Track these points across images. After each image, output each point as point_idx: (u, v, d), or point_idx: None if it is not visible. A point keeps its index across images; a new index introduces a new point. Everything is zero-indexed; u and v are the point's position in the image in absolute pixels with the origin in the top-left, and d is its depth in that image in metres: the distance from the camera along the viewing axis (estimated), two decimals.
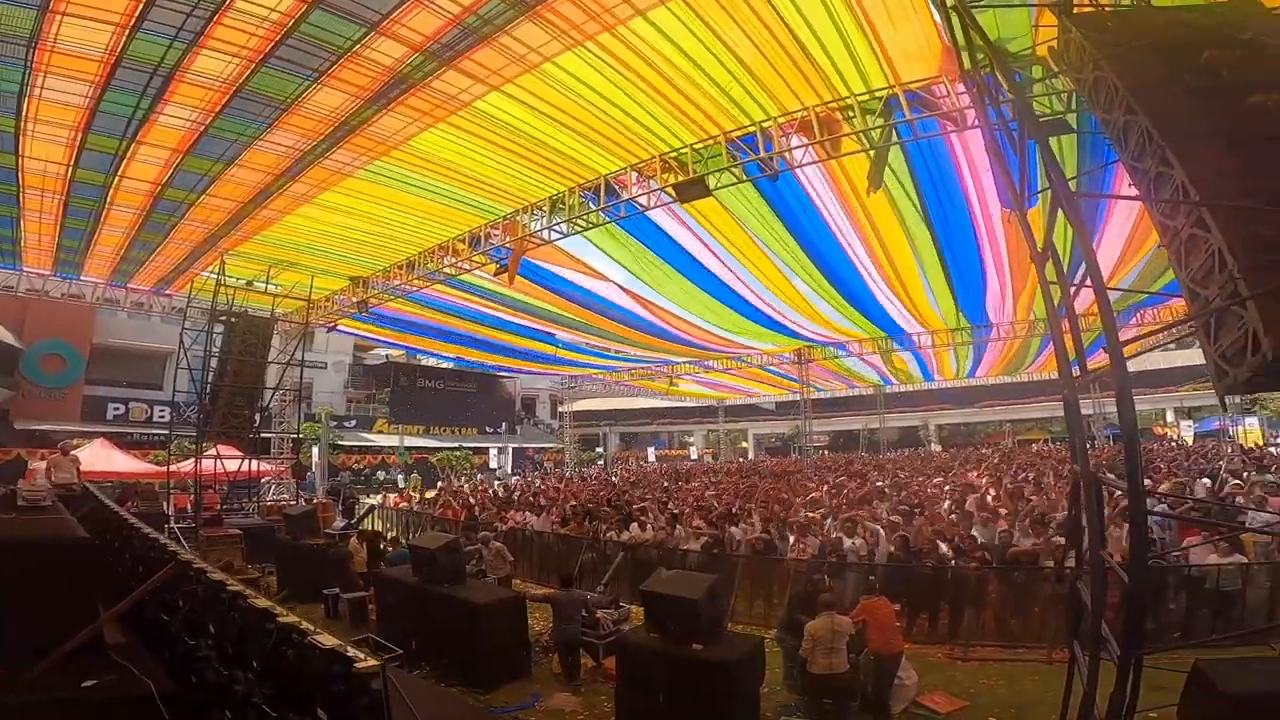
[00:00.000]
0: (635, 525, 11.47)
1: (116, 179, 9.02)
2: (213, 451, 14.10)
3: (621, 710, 5.56)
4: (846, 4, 5.98)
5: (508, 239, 11.06)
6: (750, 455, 48.67)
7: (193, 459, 15.87)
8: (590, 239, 11.19)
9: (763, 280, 13.74)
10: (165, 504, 14.42)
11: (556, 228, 10.51)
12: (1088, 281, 3.87)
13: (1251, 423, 28.82)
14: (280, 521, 12.90)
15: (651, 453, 48.53)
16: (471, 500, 17.15)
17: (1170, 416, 38.17)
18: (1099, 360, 4.13)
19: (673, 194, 8.91)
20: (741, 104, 7.86)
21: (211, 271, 13.06)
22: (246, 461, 14.46)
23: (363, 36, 6.14)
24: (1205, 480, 13.25)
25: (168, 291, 14.93)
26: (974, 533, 8.98)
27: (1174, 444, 30.13)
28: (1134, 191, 4.07)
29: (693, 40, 6.48)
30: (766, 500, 13.62)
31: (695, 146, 8.73)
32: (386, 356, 40.37)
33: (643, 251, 12.16)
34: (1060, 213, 4.24)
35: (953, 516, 10.15)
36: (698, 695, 5.00)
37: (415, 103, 7.32)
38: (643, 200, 9.56)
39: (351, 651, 2.23)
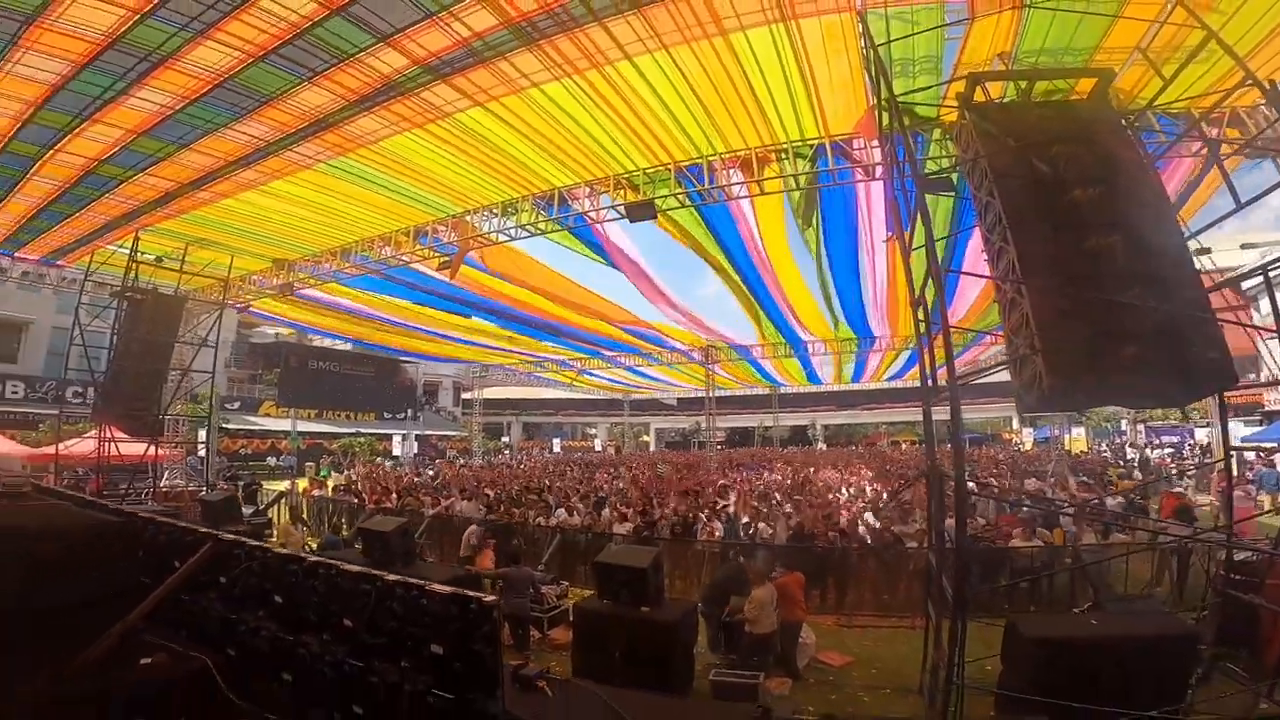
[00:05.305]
0: (563, 510, 12.25)
1: (51, 153, 8.45)
2: (106, 434, 13.18)
3: (578, 669, 6.18)
4: (798, 62, 7.00)
5: (454, 236, 11.36)
6: (652, 448, 50.44)
7: (80, 440, 14.78)
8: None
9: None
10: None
11: (506, 230, 11.00)
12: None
13: (1079, 432, 33.97)
14: (181, 508, 12.43)
15: (557, 444, 48.94)
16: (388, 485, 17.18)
17: (1015, 424, 43.93)
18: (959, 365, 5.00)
19: (623, 212, 9.72)
20: (694, 138, 8.78)
21: (120, 245, 12.24)
22: (148, 445, 13.62)
23: (370, 45, 6.29)
24: (1033, 480, 16.15)
25: (60, 263, 13.66)
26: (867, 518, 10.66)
27: (1015, 448, 35.06)
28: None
29: (665, 82, 7.32)
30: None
31: (646, 170, 9.61)
32: (276, 335, 37.82)
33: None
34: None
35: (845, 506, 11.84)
36: (647, 651, 5.78)
37: (399, 109, 7.53)
38: (592, 214, 10.31)
39: (469, 592, 2.79)
